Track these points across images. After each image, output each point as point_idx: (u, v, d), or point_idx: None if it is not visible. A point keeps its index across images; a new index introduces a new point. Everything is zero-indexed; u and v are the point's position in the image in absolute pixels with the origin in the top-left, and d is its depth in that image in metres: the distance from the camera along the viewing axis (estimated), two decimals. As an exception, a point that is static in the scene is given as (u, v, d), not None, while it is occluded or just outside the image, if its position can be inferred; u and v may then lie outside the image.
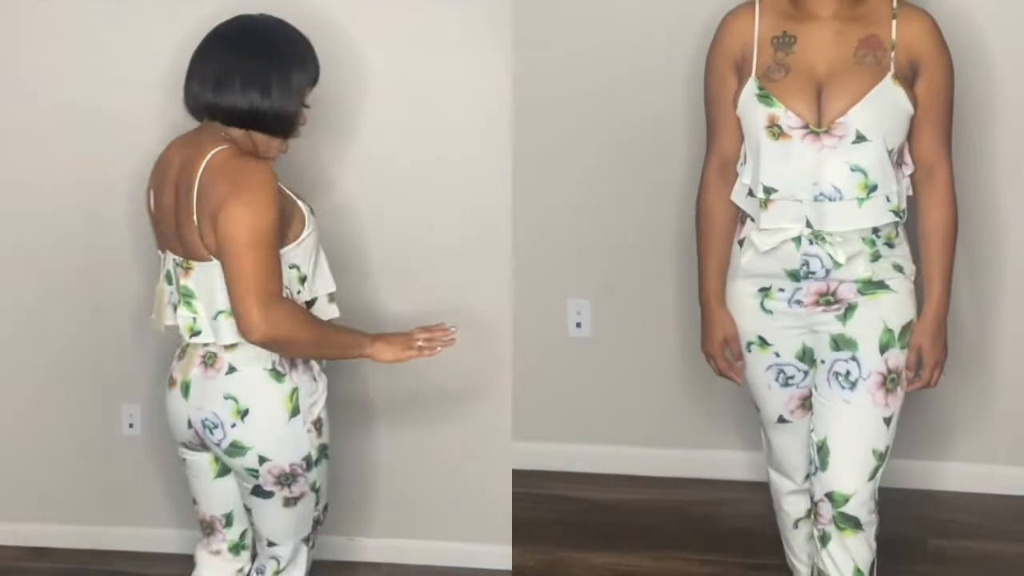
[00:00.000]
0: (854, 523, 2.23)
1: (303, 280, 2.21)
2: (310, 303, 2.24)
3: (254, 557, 2.44)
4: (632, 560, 2.91)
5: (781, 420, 2.37)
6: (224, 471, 2.32)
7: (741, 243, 2.30)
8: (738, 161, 2.29)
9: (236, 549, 2.41)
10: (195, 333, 2.19)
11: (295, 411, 2.21)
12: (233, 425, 2.20)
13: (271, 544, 2.36)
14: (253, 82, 2.14)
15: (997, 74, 2.83)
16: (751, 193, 2.26)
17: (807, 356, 2.29)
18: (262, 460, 2.21)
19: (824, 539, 2.25)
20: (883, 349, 2.21)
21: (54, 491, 3.08)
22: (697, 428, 3.22)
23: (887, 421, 2.23)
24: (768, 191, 2.21)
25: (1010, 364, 3.04)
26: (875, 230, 2.21)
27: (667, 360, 3.17)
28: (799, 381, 2.32)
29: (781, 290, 2.25)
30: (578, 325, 3.21)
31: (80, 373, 2.99)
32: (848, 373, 2.22)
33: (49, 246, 2.94)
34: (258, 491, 2.26)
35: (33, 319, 2.99)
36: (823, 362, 2.25)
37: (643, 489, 3.20)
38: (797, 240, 2.20)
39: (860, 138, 2.15)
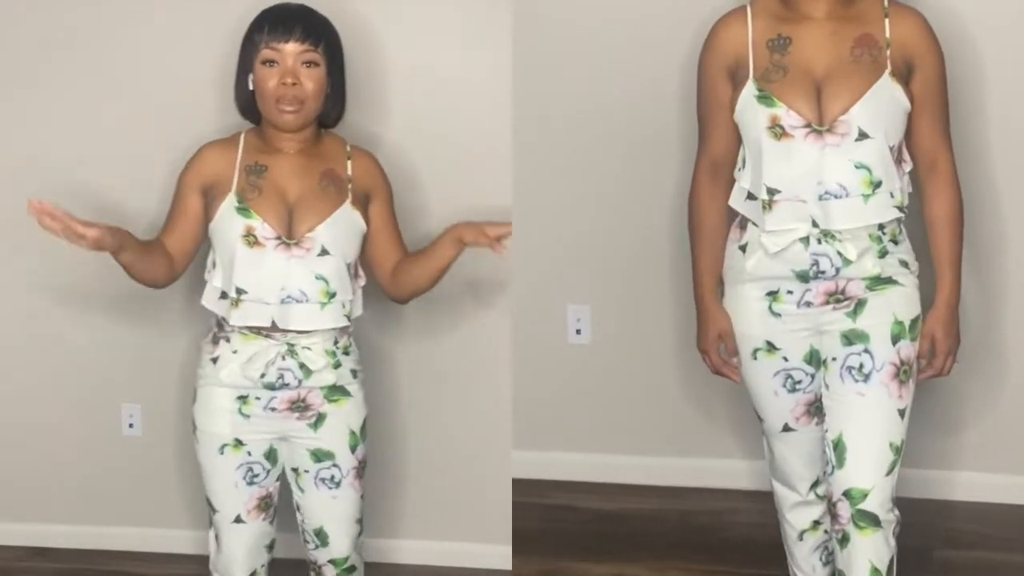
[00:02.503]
0: (873, 520, 2.20)
1: (213, 263, 2.37)
2: (224, 294, 2.35)
3: None
4: (633, 570, 2.87)
5: (786, 429, 2.35)
6: None
7: (744, 248, 2.29)
8: (728, 164, 2.30)
9: None
10: None
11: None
12: None
13: None
14: None
15: (986, 70, 2.82)
16: (750, 197, 2.26)
17: (814, 358, 2.28)
18: None
19: (843, 541, 2.23)
20: (895, 340, 2.21)
21: (54, 491, 3.09)
22: (698, 436, 3.19)
23: (901, 413, 2.22)
24: (771, 192, 2.21)
25: (1018, 371, 3.00)
26: (881, 227, 2.22)
27: (668, 367, 3.15)
28: (806, 386, 2.31)
29: (789, 292, 2.24)
30: (578, 332, 3.19)
31: (80, 373, 3.00)
32: (862, 366, 2.21)
33: (46, 247, 2.92)
34: None
35: (33, 319, 3.01)
36: (834, 359, 2.24)
37: (644, 498, 3.17)
38: (805, 240, 2.21)
39: (863, 135, 2.16)
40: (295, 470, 2.40)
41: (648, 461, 3.21)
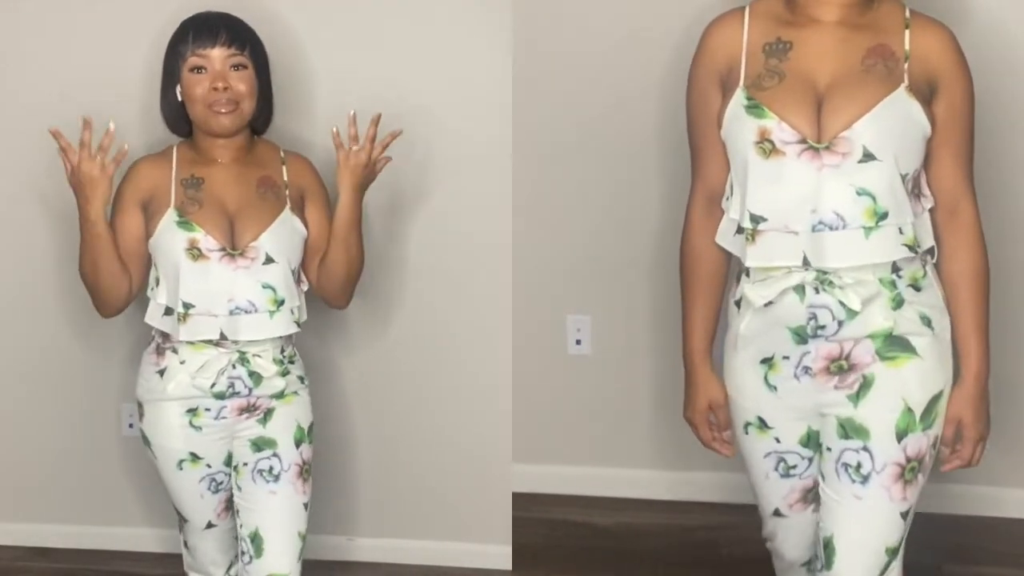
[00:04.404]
0: None
1: (156, 280, 2.32)
2: (169, 310, 2.31)
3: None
4: (634, 585, 2.85)
5: (777, 513, 2.11)
6: None
7: (739, 304, 1.99)
8: (724, 195, 1.99)
9: None
10: None
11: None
12: None
13: None
14: None
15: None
16: (740, 231, 1.95)
17: (812, 441, 2.00)
18: None
19: None
20: (901, 436, 1.90)
21: (54, 491, 3.09)
22: (700, 449, 3.04)
23: (904, 515, 1.94)
24: (756, 220, 1.88)
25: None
26: (896, 269, 1.89)
27: (669, 378, 3.05)
28: (802, 471, 2.03)
29: (785, 358, 1.93)
30: (578, 342, 3.16)
31: (80, 373, 3.01)
32: (859, 465, 1.91)
33: (46, 247, 2.96)
34: None
35: (32, 319, 3.01)
36: (829, 450, 1.94)
37: (645, 512, 3.14)
38: (800, 290, 1.89)
39: (868, 156, 1.84)
40: (235, 467, 2.36)
41: (649, 474, 3.19)
